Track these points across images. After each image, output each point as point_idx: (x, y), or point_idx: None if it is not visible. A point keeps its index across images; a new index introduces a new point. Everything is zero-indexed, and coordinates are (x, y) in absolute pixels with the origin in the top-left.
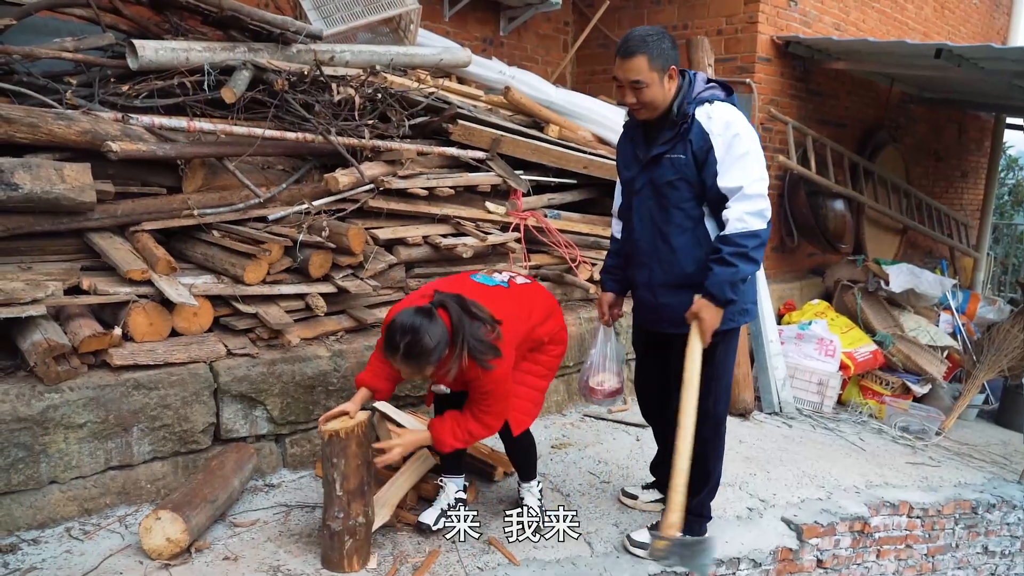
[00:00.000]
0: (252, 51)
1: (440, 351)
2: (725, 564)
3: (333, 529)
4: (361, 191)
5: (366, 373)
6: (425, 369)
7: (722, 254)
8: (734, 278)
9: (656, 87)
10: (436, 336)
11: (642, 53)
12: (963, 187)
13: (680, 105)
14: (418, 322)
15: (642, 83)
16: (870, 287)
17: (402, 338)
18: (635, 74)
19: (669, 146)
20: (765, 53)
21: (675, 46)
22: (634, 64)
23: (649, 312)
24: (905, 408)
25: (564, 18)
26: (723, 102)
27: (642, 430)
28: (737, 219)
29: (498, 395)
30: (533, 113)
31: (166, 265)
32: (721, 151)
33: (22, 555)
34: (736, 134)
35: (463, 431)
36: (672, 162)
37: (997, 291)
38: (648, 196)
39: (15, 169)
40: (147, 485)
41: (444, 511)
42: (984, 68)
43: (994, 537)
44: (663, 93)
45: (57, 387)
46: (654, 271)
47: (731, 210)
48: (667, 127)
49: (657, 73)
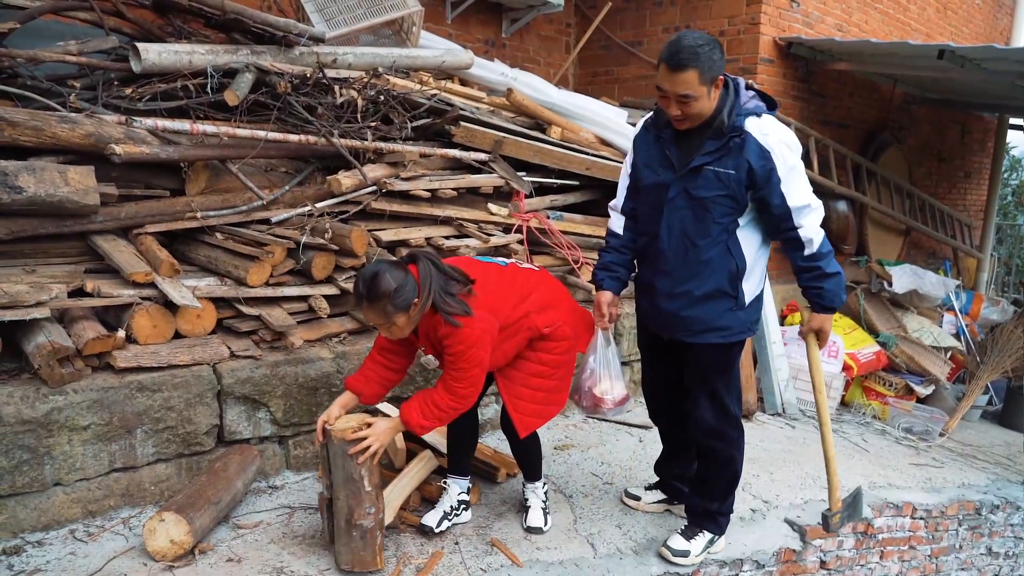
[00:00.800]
0: (255, 54)
1: (404, 296)
2: (728, 565)
3: (365, 527)
4: (364, 193)
5: (355, 376)
6: (392, 316)
7: (822, 269)
8: (841, 283)
9: (704, 100)
10: (398, 279)
11: (694, 67)
12: (966, 188)
13: (729, 116)
14: (382, 268)
15: (691, 97)
16: (873, 288)
17: (364, 282)
18: (684, 88)
19: (713, 157)
20: (767, 54)
21: (724, 55)
22: (684, 78)
23: (666, 320)
24: (908, 409)
25: (566, 20)
26: (768, 114)
27: (645, 431)
28: (816, 233)
29: (469, 359)
30: (535, 115)
31: (169, 267)
32: (783, 170)
33: (27, 557)
34: (791, 151)
35: (430, 406)
36: (717, 175)
37: (1000, 292)
38: (683, 206)
39: (19, 172)
40: (151, 487)
41: (446, 513)
42: (987, 69)
43: (998, 538)
44: (709, 105)
45: (61, 389)
46: (681, 282)
47: (806, 228)
48: (710, 136)
49: (707, 87)
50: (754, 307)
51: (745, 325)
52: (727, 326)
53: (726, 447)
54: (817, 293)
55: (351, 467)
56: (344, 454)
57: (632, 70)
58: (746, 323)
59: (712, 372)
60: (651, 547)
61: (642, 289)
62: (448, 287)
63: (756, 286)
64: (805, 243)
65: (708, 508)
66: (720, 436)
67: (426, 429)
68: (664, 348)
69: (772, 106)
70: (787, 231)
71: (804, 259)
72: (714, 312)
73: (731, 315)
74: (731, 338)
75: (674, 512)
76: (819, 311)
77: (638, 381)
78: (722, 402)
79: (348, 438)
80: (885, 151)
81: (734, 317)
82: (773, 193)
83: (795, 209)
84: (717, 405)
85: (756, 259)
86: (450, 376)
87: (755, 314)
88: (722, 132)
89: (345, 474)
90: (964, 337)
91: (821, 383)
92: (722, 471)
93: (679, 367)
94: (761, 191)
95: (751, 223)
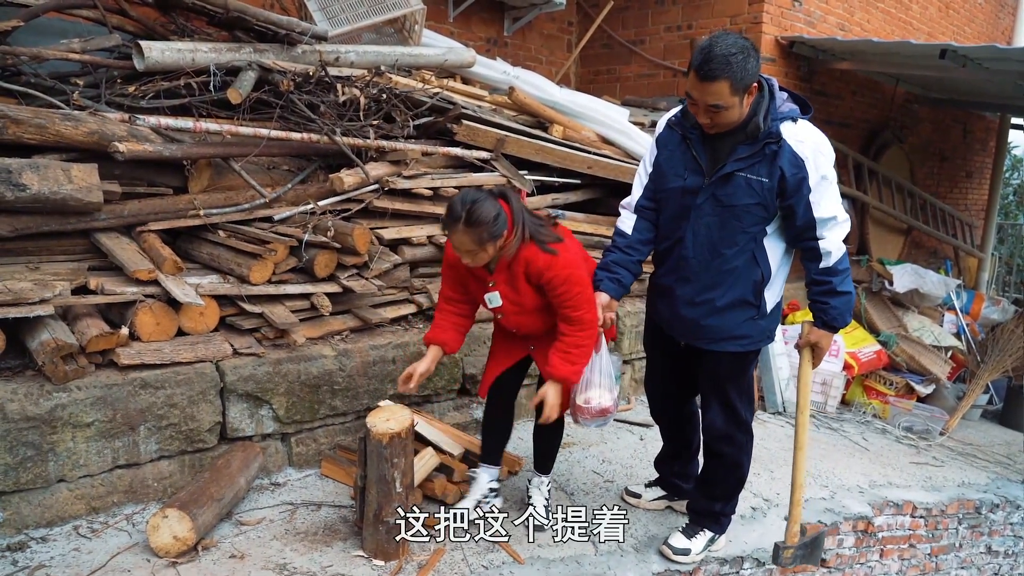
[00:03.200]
0: (258, 52)
1: (500, 225)
2: (729, 563)
3: (391, 524)
4: (366, 191)
5: (431, 331)
6: (484, 243)
7: (833, 285)
8: (850, 304)
9: (735, 109)
10: (496, 208)
11: (725, 77)
12: (968, 187)
13: (765, 121)
14: (481, 196)
15: (721, 107)
16: (874, 287)
17: (463, 206)
18: (715, 98)
19: (746, 164)
20: (769, 53)
21: (760, 62)
22: (715, 88)
23: (685, 326)
24: (909, 408)
25: (568, 18)
26: (803, 119)
27: (646, 429)
28: (837, 248)
29: (576, 280)
30: (537, 113)
31: (172, 265)
32: (815, 179)
33: (31, 553)
34: (826, 160)
35: (570, 350)
36: (749, 183)
37: (1001, 291)
38: (710, 213)
39: (23, 170)
40: (154, 484)
41: (479, 502)
42: (989, 68)
43: (998, 537)
44: (740, 113)
45: (65, 386)
46: (703, 290)
47: (828, 240)
48: (742, 141)
49: (739, 96)
50: (774, 315)
51: (764, 334)
52: (747, 335)
53: (735, 451)
54: (823, 308)
55: (385, 468)
56: (379, 453)
57: (634, 68)
58: (765, 331)
59: (727, 378)
60: (652, 544)
61: (660, 292)
62: (537, 220)
63: (777, 294)
64: (823, 255)
65: (711, 508)
66: (729, 441)
67: (579, 372)
68: (674, 351)
69: (806, 109)
70: (808, 240)
71: (819, 271)
72: (735, 321)
73: (751, 324)
74: (750, 347)
75: (675, 509)
76: (820, 327)
77: (640, 379)
78: (734, 407)
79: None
80: (887, 150)
81: (754, 326)
82: (800, 203)
83: (820, 220)
84: (728, 410)
85: (780, 267)
86: (568, 309)
87: (774, 322)
88: (756, 137)
89: (379, 473)
90: (965, 336)
91: (806, 402)
92: (729, 474)
93: (689, 370)
94: (790, 200)
95: (777, 231)
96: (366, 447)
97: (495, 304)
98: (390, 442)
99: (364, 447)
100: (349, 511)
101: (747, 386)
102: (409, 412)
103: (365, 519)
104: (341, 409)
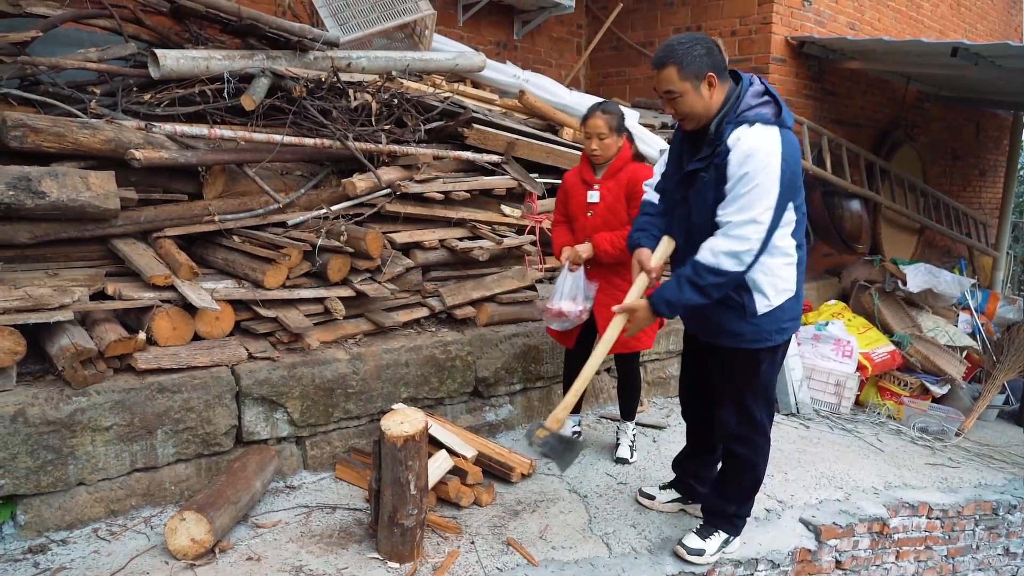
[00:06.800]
0: (270, 59)
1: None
2: (743, 565)
3: (406, 526)
4: (378, 195)
5: (560, 239)
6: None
7: (679, 273)
8: (676, 300)
9: (691, 96)
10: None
11: (671, 63)
12: (981, 186)
13: (720, 123)
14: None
15: (674, 93)
16: (887, 287)
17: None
18: (666, 84)
19: (703, 164)
20: (779, 53)
21: (712, 52)
22: (664, 75)
23: (692, 318)
24: (924, 409)
25: (577, 21)
26: (765, 125)
27: (659, 432)
28: (711, 251)
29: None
30: (547, 116)
31: (188, 270)
32: (732, 182)
33: (52, 555)
34: (752, 169)
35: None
36: (705, 183)
37: (1017, 290)
38: (686, 207)
39: (42, 178)
40: (171, 487)
41: (631, 446)
42: (1001, 66)
43: (1015, 538)
44: (703, 102)
45: (84, 390)
46: None
47: (712, 240)
48: (706, 143)
49: (690, 82)
50: (773, 318)
51: (760, 334)
52: (739, 332)
53: (749, 452)
54: (663, 284)
55: (399, 471)
56: (394, 456)
57: (643, 70)
58: (761, 332)
59: (738, 377)
60: (666, 547)
61: None
62: None
63: (772, 298)
64: (701, 249)
65: (726, 510)
66: (742, 441)
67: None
68: (698, 349)
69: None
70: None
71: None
72: (724, 317)
73: (741, 322)
74: (744, 344)
75: (689, 512)
76: (649, 298)
77: (653, 382)
78: (748, 409)
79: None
80: (899, 149)
81: (745, 325)
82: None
83: (719, 220)
84: (742, 411)
85: (764, 273)
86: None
87: (774, 324)
88: (712, 139)
89: (393, 475)
90: (980, 336)
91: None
92: (743, 475)
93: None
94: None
95: None
96: (380, 450)
97: (593, 200)
98: (404, 445)
99: (378, 450)
100: (364, 514)
101: (763, 388)
102: (423, 415)
103: (380, 521)
104: (355, 412)
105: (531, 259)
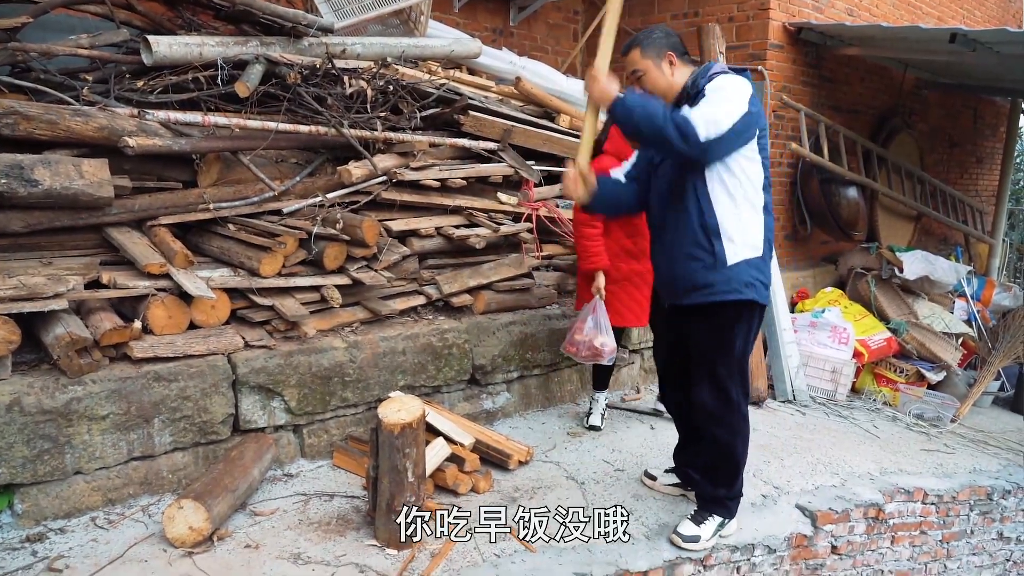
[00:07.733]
0: (264, 45)
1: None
2: (740, 550)
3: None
4: (374, 183)
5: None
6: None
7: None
8: (633, 104)
9: (653, 72)
10: None
11: (634, 47)
12: (978, 173)
13: (696, 80)
14: None
15: (639, 71)
16: (884, 274)
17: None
18: (631, 65)
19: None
20: (777, 40)
21: (670, 36)
22: (629, 57)
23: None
24: (919, 395)
25: (573, 7)
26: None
27: (656, 419)
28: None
29: None
30: (544, 103)
31: (183, 259)
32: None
33: (50, 544)
34: (722, 85)
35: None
36: None
37: (1013, 277)
38: (665, 172)
39: (35, 166)
40: (169, 475)
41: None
42: (1000, 52)
43: (1009, 523)
44: (664, 78)
45: (80, 379)
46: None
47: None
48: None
49: (651, 60)
50: (742, 270)
51: (730, 284)
52: (709, 283)
53: (726, 434)
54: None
55: (397, 458)
56: (391, 444)
57: None
58: (731, 282)
59: (710, 348)
60: (663, 532)
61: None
62: None
63: (741, 250)
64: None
65: (716, 494)
66: (719, 422)
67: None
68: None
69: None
70: None
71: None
72: (693, 268)
73: (710, 272)
74: (713, 296)
75: (688, 498)
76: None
77: (648, 368)
78: (723, 385)
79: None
80: (896, 136)
81: (715, 274)
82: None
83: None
84: (717, 388)
85: (730, 217)
86: None
87: (745, 276)
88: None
89: (391, 463)
90: (976, 323)
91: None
92: (724, 458)
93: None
94: None
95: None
96: (378, 438)
97: None
98: (402, 432)
99: (376, 438)
100: (361, 501)
101: (737, 366)
102: (420, 402)
103: (378, 509)
104: (352, 400)
105: (528, 247)
